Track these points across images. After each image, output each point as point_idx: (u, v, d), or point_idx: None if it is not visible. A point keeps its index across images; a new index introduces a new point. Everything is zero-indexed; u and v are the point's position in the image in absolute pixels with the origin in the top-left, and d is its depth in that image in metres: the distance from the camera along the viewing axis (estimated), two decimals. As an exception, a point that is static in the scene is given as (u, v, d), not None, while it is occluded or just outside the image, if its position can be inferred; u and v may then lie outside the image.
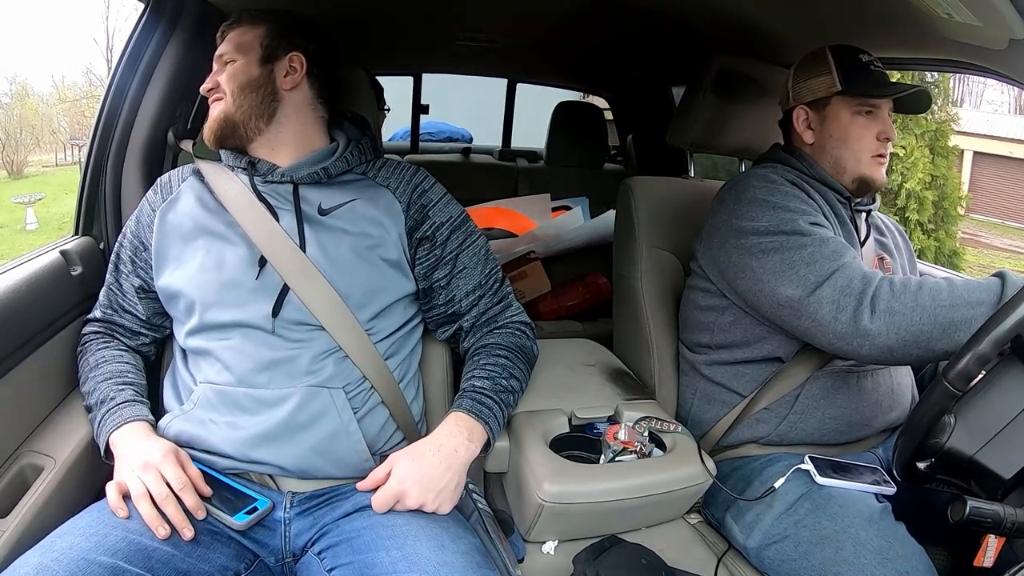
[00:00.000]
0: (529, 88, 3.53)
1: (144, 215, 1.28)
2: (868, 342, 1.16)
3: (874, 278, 1.19)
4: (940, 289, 1.14)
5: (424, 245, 1.28)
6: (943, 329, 1.10)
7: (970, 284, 1.13)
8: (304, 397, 1.14)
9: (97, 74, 18.14)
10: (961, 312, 1.10)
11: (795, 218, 1.28)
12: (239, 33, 1.27)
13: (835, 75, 1.38)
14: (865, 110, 1.38)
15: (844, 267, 1.21)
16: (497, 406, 1.20)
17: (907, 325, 1.13)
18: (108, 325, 1.29)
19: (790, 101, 1.46)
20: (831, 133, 1.41)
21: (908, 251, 1.58)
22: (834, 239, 1.26)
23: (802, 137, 1.44)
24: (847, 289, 1.19)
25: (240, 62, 1.25)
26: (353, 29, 2.23)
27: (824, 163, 1.42)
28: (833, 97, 1.39)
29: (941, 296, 1.12)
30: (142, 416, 1.14)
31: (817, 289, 1.21)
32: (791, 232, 1.27)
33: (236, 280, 1.19)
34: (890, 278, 1.18)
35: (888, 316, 1.15)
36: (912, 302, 1.14)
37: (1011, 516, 0.93)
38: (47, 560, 0.89)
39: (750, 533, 1.29)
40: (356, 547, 1.02)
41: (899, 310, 1.14)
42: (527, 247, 2.53)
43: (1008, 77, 1.36)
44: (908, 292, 1.15)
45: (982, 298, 1.10)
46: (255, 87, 1.25)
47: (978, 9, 1.12)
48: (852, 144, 1.39)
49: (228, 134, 1.25)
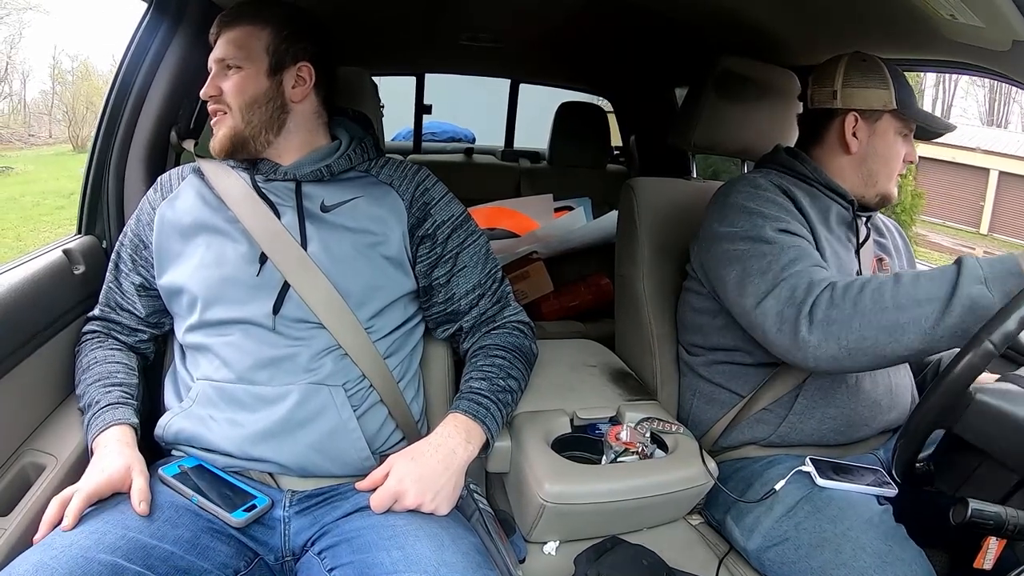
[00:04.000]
0: (532, 88, 3.52)
1: (144, 213, 1.28)
2: (809, 354, 1.15)
3: (818, 286, 1.16)
4: (884, 289, 1.10)
5: (425, 243, 1.28)
6: (888, 333, 1.08)
7: (920, 279, 1.09)
8: (304, 394, 1.14)
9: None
10: (907, 313, 1.07)
11: (762, 224, 1.28)
12: (242, 34, 1.22)
13: (892, 91, 1.37)
14: (904, 132, 1.39)
15: (792, 276, 1.20)
16: (495, 406, 1.20)
17: (846, 334, 1.11)
18: (105, 323, 1.29)
19: (837, 101, 1.41)
20: (876, 148, 1.40)
21: (907, 251, 1.58)
22: (796, 247, 1.25)
23: (847, 144, 1.41)
24: (790, 300, 1.17)
25: (247, 72, 1.21)
26: (356, 29, 2.23)
27: (853, 172, 1.42)
28: (886, 114, 1.38)
29: (884, 298, 1.09)
30: (123, 420, 1.13)
31: (763, 300, 1.21)
32: (755, 239, 1.27)
33: (236, 277, 1.19)
34: (835, 283, 1.15)
35: (826, 326, 1.13)
36: (851, 308, 1.11)
37: (1013, 518, 0.93)
38: (46, 558, 0.88)
39: (750, 535, 1.28)
40: (356, 547, 1.02)
41: (837, 318, 1.12)
42: (529, 247, 2.52)
43: (1011, 78, 1.36)
44: (848, 298, 1.12)
45: (931, 293, 1.06)
46: (264, 101, 1.23)
47: (981, 11, 1.12)
48: (891, 163, 1.40)
49: (238, 149, 1.23)
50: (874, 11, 1.45)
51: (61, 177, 10.15)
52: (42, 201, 8.94)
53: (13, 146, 13.55)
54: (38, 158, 12.44)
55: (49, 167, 11.37)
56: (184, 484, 1.08)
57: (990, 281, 1.02)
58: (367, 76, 1.59)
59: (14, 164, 11.67)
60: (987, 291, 1.02)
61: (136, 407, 1.17)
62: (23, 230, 8.11)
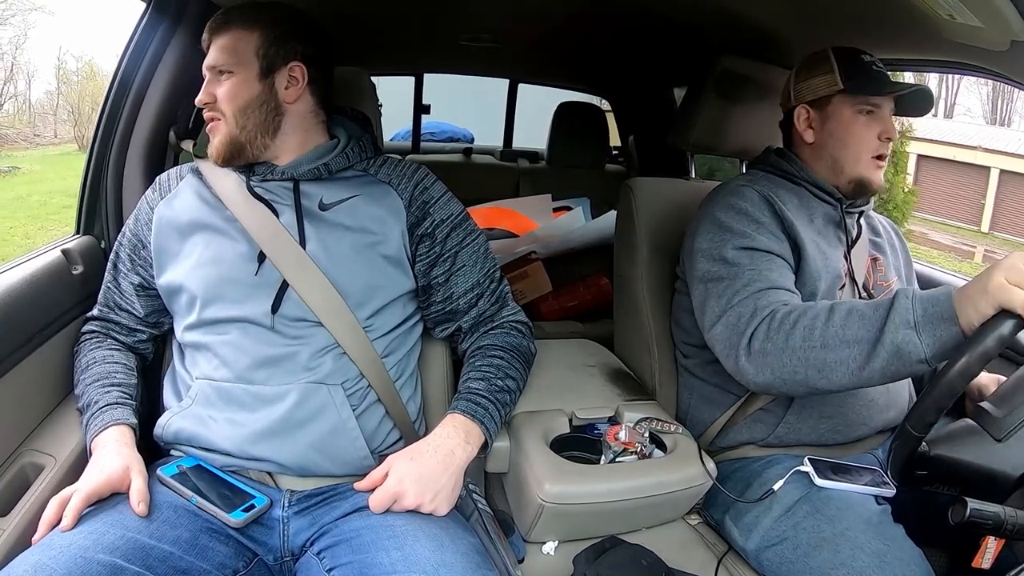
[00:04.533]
0: (531, 88, 3.52)
1: (143, 213, 1.28)
2: (749, 380, 1.20)
3: (759, 315, 1.19)
4: (816, 326, 1.11)
5: (424, 242, 1.28)
6: (817, 370, 1.10)
7: (851, 317, 1.09)
8: (303, 393, 1.14)
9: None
10: (834, 353, 1.08)
11: (726, 242, 1.30)
12: (232, 39, 1.21)
13: (837, 74, 1.38)
14: (867, 109, 1.38)
15: (740, 303, 1.23)
16: (493, 407, 1.20)
17: (779, 366, 1.14)
18: (104, 323, 1.29)
19: (791, 100, 1.46)
20: (832, 132, 1.40)
21: (904, 250, 1.57)
22: (752, 270, 1.26)
23: (803, 136, 1.44)
24: (735, 327, 1.21)
25: (238, 76, 1.21)
26: (355, 29, 2.23)
27: (821, 164, 1.43)
28: (835, 96, 1.39)
29: (813, 336, 1.10)
30: (122, 420, 1.12)
31: (715, 325, 1.26)
32: (717, 259, 1.30)
33: (235, 275, 1.19)
34: (774, 313, 1.17)
35: (761, 357, 1.16)
36: (783, 343, 1.13)
37: (1012, 518, 0.93)
38: (45, 558, 0.88)
39: (749, 535, 1.29)
40: (355, 547, 1.02)
41: (770, 351, 1.15)
42: (528, 247, 2.52)
43: (1009, 78, 1.36)
44: (782, 331, 1.14)
45: (859, 335, 1.06)
46: (257, 105, 1.22)
47: (980, 10, 1.12)
48: (853, 144, 1.39)
49: (235, 155, 1.23)
50: (873, 11, 1.45)
51: (67, 177, 10.26)
52: (49, 200, 9.08)
53: (19, 146, 13.76)
54: (44, 158, 12.63)
55: (55, 167, 11.51)
56: (183, 484, 1.08)
57: (921, 325, 1.01)
58: (366, 76, 1.59)
59: (20, 164, 11.86)
60: (915, 337, 1.01)
61: (134, 407, 1.17)
62: (31, 228, 8.22)
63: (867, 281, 1.41)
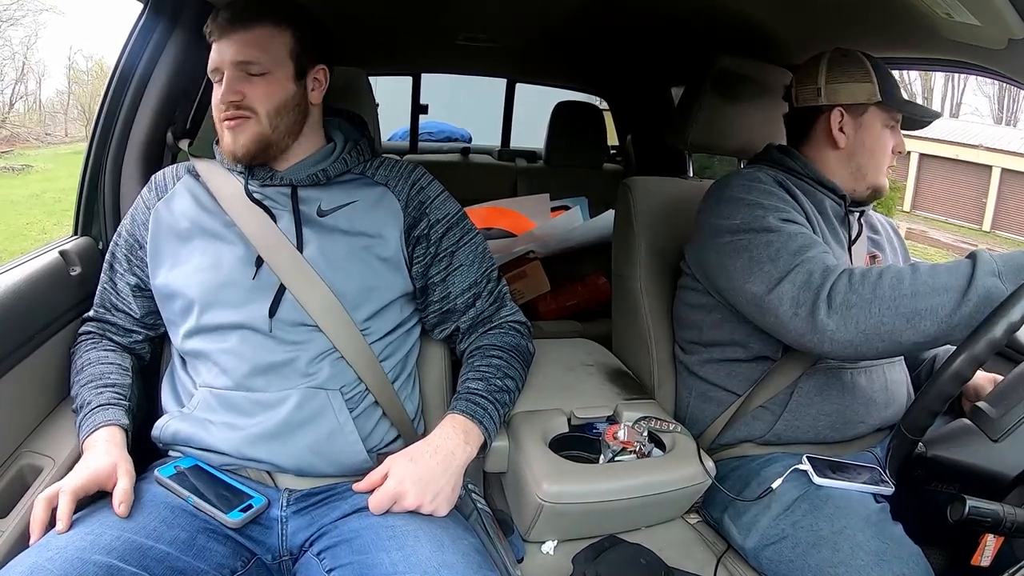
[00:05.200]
0: (528, 88, 3.52)
1: (139, 213, 1.28)
2: (827, 338, 1.15)
3: (834, 271, 1.17)
4: (903, 277, 1.11)
5: (421, 243, 1.28)
6: (906, 319, 1.08)
7: (937, 269, 1.10)
8: (302, 399, 1.14)
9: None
10: (925, 300, 1.07)
11: (765, 215, 1.28)
12: (263, 36, 1.18)
13: (875, 84, 1.38)
14: (891, 124, 1.40)
15: (806, 261, 1.20)
16: (493, 406, 1.20)
17: (866, 318, 1.11)
18: (101, 324, 1.29)
19: (821, 99, 1.42)
20: (863, 141, 1.40)
21: (902, 247, 1.58)
22: (803, 234, 1.25)
23: (834, 139, 1.41)
24: (806, 284, 1.17)
25: (274, 77, 1.19)
26: (353, 29, 2.22)
27: (842, 167, 1.42)
28: (871, 106, 1.39)
29: (903, 285, 1.10)
30: (113, 421, 1.12)
31: (778, 285, 1.21)
32: (760, 229, 1.27)
33: (233, 280, 1.18)
34: (852, 269, 1.16)
35: (845, 310, 1.13)
36: (870, 294, 1.11)
37: (1010, 515, 0.93)
38: (42, 560, 0.88)
39: (748, 534, 1.29)
40: (355, 548, 1.02)
41: (856, 303, 1.12)
42: (526, 247, 2.52)
43: (1007, 76, 1.36)
44: (867, 283, 1.12)
45: (949, 283, 1.07)
46: (292, 106, 1.21)
47: (977, 9, 1.12)
48: (878, 155, 1.41)
49: (260, 154, 1.21)
50: (871, 10, 1.46)
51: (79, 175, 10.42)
52: (63, 197, 9.29)
53: (31, 144, 14.03)
54: (56, 156, 12.84)
55: (67, 165, 11.70)
56: (180, 485, 1.07)
57: (1004, 275, 1.04)
58: (364, 76, 1.59)
59: (34, 163, 12.10)
60: (1001, 284, 1.03)
61: (128, 407, 1.16)
62: (47, 224, 8.46)
63: None
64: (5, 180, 11.17)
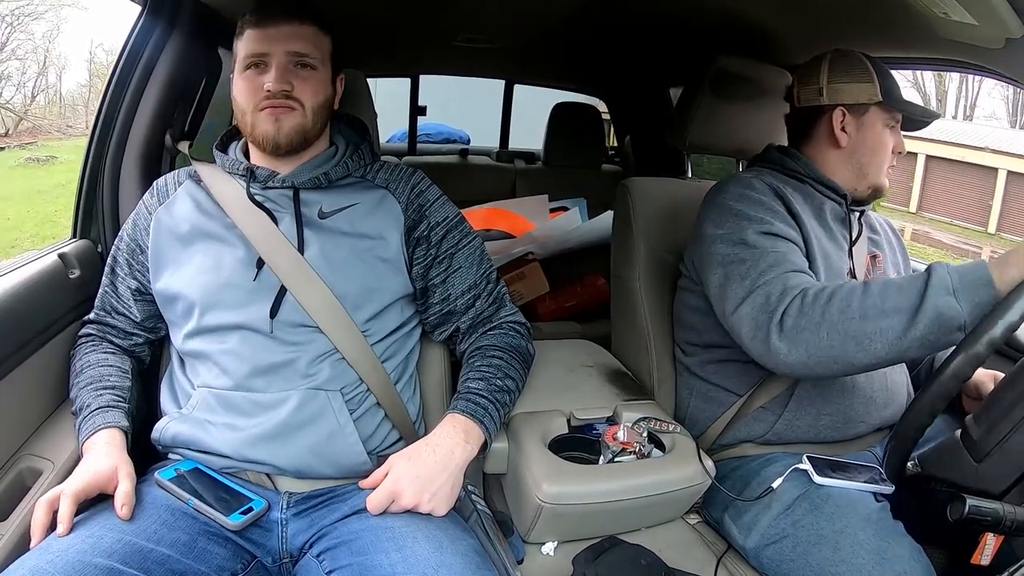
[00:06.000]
0: (527, 89, 3.52)
1: (141, 218, 1.28)
2: (780, 360, 1.16)
3: (789, 293, 1.17)
4: (852, 299, 1.11)
5: (421, 245, 1.28)
6: (856, 342, 1.09)
7: (889, 289, 1.09)
8: (302, 399, 1.14)
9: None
10: (873, 323, 1.07)
11: (746, 227, 1.29)
12: (313, 34, 1.23)
13: (876, 84, 1.39)
14: (892, 124, 1.41)
15: (767, 283, 1.20)
16: (493, 406, 1.20)
17: (815, 341, 1.12)
18: (101, 327, 1.29)
19: (823, 98, 1.43)
20: (865, 140, 1.41)
21: (901, 248, 1.58)
22: (775, 252, 1.25)
23: (836, 138, 1.42)
24: (763, 307, 1.19)
25: (320, 74, 1.23)
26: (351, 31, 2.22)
27: (844, 167, 1.43)
28: (872, 106, 1.40)
29: (851, 307, 1.10)
30: (113, 423, 1.12)
31: (740, 306, 1.23)
32: (737, 243, 1.28)
33: (234, 281, 1.19)
34: (806, 290, 1.16)
35: (795, 334, 1.14)
36: (819, 317, 1.12)
37: (1010, 514, 0.93)
38: (43, 563, 0.88)
39: (748, 533, 1.29)
40: (355, 549, 1.02)
41: (805, 326, 1.13)
42: (525, 248, 2.53)
43: (1005, 76, 1.36)
44: (817, 306, 1.13)
45: (899, 303, 1.06)
46: (328, 105, 1.27)
47: (975, 8, 1.12)
48: (879, 155, 1.41)
49: (298, 145, 1.23)
50: (869, 10, 1.46)
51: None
52: None
53: (53, 136, 14.44)
54: (77, 148, 13.53)
55: None
56: (180, 488, 1.08)
57: (959, 291, 1.02)
58: (362, 78, 1.59)
59: (57, 153, 12.43)
60: (955, 302, 1.02)
61: (127, 409, 1.16)
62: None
63: (867, 278, 1.42)
64: (32, 170, 11.55)
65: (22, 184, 10.57)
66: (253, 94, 1.21)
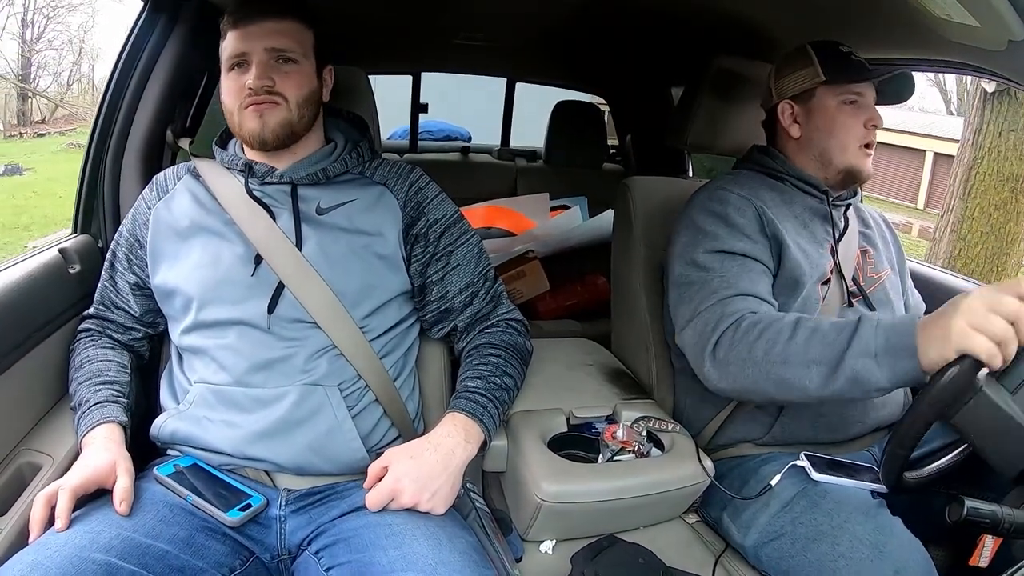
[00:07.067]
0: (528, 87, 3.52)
1: (140, 213, 1.28)
2: (712, 386, 1.22)
3: (723, 323, 1.20)
4: (778, 339, 1.12)
5: (419, 242, 1.28)
6: (775, 385, 1.12)
7: (814, 337, 1.09)
8: (300, 395, 1.14)
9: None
10: (793, 371, 1.09)
11: (699, 245, 1.32)
12: (293, 28, 1.22)
13: (817, 66, 1.39)
14: (850, 99, 1.39)
15: (707, 310, 1.24)
16: (492, 404, 1.20)
17: (740, 376, 1.16)
18: (100, 322, 1.29)
19: (773, 98, 1.47)
20: (817, 124, 1.41)
21: (895, 242, 1.57)
22: (722, 276, 1.27)
23: (788, 132, 1.44)
24: (702, 333, 1.22)
25: (303, 67, 1.23)
26: (352, 28, 2.22)
27: (808, 157, 1.43)
28: (818, 88, 1.40)
29: (774, 350, 1.11)
30: (111, 418, 1.12)
31: (684, 330, 1.27)
32: (689, 263, 1.32)
33: (231, 277, 1.19)
34: (740, 322, 1.18)
35: (724, 366, 1.18)
36: (746, 354, 1.14)
37: (1009, 516, 0.93)
38: (41, 558, 0.88)
39: (747, 532, 1.29)
40: (353, 546, 1.02)
41: (732, 360, 1.16)
42: (526, 246, 2.52)
43: (1007, 78, 1.36)
44: (745, 342, 1.15)
45: (821, 356, 1.07)
46: (314, 99, 1.26)
47: (976, 10, 1.12)
48: (839, 134, 1.39)
49: (286, 140, 1.23)
50: (869, 10, 1.45)
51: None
52: None
53: (87, 123, 15.29)
54: None
55: None
56: (179, 483, 1.08)
57: (881, 356, 1.02)
58: (363, 75, 1.59)
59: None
60: (875, 366, 1.02)
61: (126, 404, 1.16)
62: None
63: (856, 274, 1.41)
64: (74, 154, 11.83)
65: (66, 167, 10.80)
66: (237, 93, 1.21)
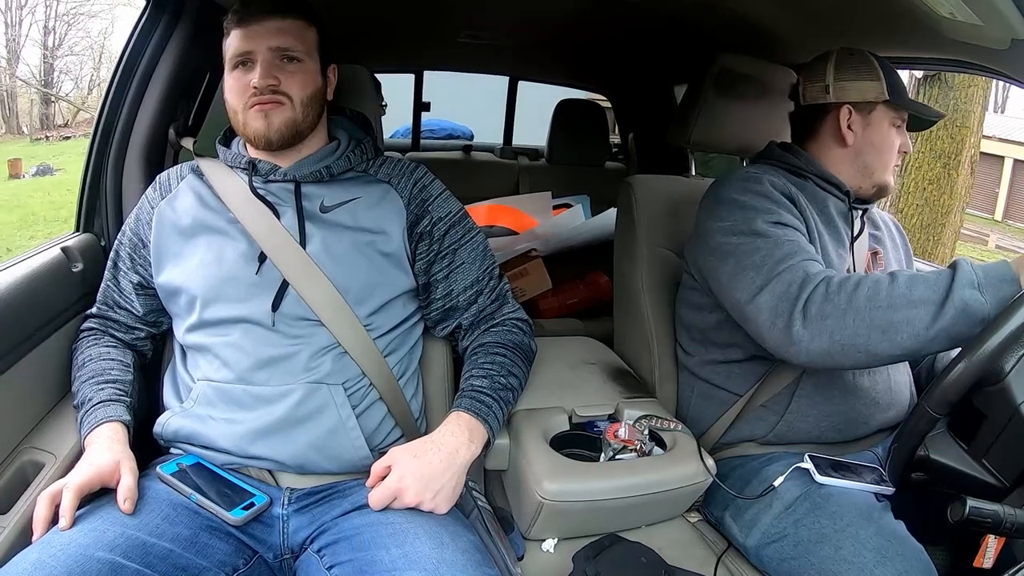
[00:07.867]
0: (531, 86, 3.52)
1: (143, 212, 1.28)
2: (802, 349, 1.15)
3: (812, 280, 1.16)
4: (879, 288, 1.10)
5: (424, 240, 1.28)
6: (881, 331, 1.08)
7: (916, 280, 1.09)
8: (303, 394, 1.14)
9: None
10: (900, 312, 1.07)
11: (754, 217, 1.28)
12: (297, 27, 1.22)
13: (883, 82, 1.38)
14: (898, 123, 1.40)
15: (787, 271, 1.19)
16: (496, 404, 1.20)
17: (840, 329, 1.11)
18: (103, 321, 1.29)
19: (830, 96, 1.42)
20: (871, 139, 1.40)
21: (904, 246, 1.57)
22: (790, 241, 1.24)
23: (842, 136, 1.41)
24: (784, 295, 1.17)
25: (307, 66, 1.22)
26: (355, 26, 2.22)
27: (850, 165, 1.42)
28: (879, 104, 1.39)
29: (878, 296, 1.09)
30: (114, 417, 1.12)
31: (758, 295, 1.21)
32: (748, 233, 1.27)
33: (236, 275, 1.19)
34: (830, 278, 1.15)
35: (819, 321, 1.12)
36: (845, 304, 1.11)
37: (1011, 516, 0.93)
38: (45, 556, 0.88)
39: (749, 532, 1.29)
40: (356, 545, 1.02)
41: (831, 313, 1.12)
42: (528, 245, 2.52)
43: (1010, 77, 1.36)
44: (843, 293, 1.12)
45: (926, 295, 1.06)
46: (318, 98, 1.25)
47: (980, 9, 1.12)
48: (885, 153, 1.41)
49: (292, 141, 1.23)
50: (874, 9, 1.45)
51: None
52: None
53: None
54: None
55: None
56: (182, 482, 1.08)
57: (984, 286, 1.03)
58: (366, 73, 1.59)
59: None
60: (980, 296, 1.03)
61: (129, 403, 1.17)
62: None
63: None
64: None
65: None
66: (242, 92, 1.21)
